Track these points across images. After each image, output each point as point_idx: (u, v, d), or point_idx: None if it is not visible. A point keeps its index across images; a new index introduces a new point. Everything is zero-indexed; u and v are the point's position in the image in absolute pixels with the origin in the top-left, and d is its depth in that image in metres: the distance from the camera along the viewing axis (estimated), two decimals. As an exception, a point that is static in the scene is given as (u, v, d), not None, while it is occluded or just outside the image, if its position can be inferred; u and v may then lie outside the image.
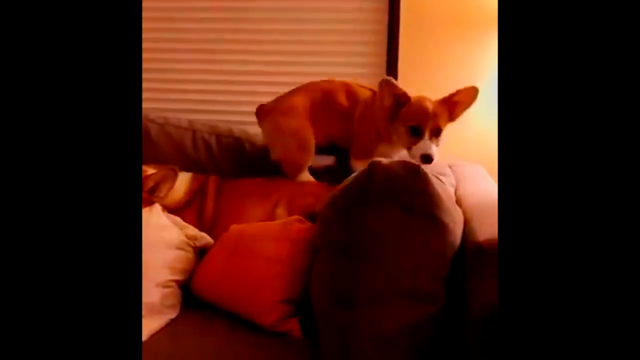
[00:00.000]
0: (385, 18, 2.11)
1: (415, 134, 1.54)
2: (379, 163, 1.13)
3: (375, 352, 1.12)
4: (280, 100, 1.78)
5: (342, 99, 1.71)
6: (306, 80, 2.17)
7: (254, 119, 2.19)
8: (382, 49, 2.13)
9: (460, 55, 2.06)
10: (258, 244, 1.47)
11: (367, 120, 1.67)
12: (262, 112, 1.80)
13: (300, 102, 1.72)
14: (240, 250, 1.48)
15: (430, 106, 1.55)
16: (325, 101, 1.72)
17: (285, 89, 2.18)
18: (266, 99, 2.20)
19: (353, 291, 1.13)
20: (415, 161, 1.38)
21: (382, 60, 2.13)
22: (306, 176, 1.73)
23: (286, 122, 1.72)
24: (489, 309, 1.00)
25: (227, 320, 1.41)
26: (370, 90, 1.72)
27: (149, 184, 1.57)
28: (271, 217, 1.63)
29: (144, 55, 2.22)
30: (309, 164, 1.72)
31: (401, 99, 1.56)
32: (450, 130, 1.99)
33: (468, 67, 2.04)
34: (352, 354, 1.13)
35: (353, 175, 1.19)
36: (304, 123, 1.70)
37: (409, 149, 1.57)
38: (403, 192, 1.11)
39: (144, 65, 2.22)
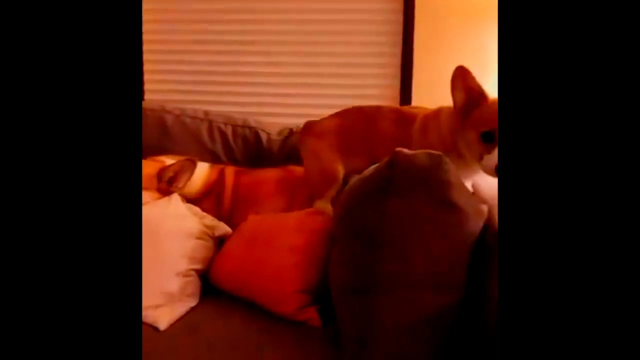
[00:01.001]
0: (400, 8, 2.10)
1: (489, 140, 1.26)
2: (402, 152, 1.12)
3: (395, 340, 1.12)
4: (318, 122, 1.65)
5: (387, 124, 1.51)
6: (321, 71, 2.19)
7: (268, 109, 2.22)
8: (398, 38, 2.12)
9: (476, 46, 2.04)
10: (276, 234, 1.48)
11: (428, 137, 1.44)
12: (303, 130, 1.68)
13: (333, 127, 1.59)
14: (258, 240, 1.49)
15: None
16: (366, 127, 1.54)
17: (301, 80, 2.21)
18: (281, 90, 2.23)
19: (373, 279, 1.13)
20: (489, 174, 1.26)
21: (398, 50, 2.13)
22: (323, 204, 1.57)
23: (314, 146, 1.60)
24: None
25: (246, 309, 1.42)
26: (429, 109, 1.53)
27: (168, 174, 1.58)
28: (288, 208, 1.64)
29: (160, 47, 2.25)
30: (331, 193, 1.57)
31: (475, 97, 1.29)
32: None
33: (484, 58, 2.03)
34: (372, 343, 1.14)
35: (375, 165, 1.19)
36: (332, 150, 1.56)
37: (480, 159, 1.28)
38: (425, 181, 1.11)
39: (161, 57, 2.25)
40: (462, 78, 1.28)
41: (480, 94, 1.29)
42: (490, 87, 1.96)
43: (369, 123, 1.53)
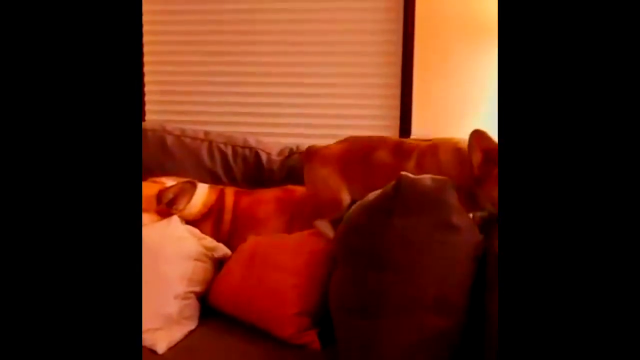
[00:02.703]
0: (400, 28, 2.11)
1: None
2: (407, 175, 1.13)
3: (397, 363, 1.12)
4: (322, 149, 1.64)
5: (385, 155, 1.51)
6: (322, 91, 2.19)
7: (268, 129, 2.22)
8: (397, 58, 2.13)
9: (475, 61, 2.05)
10: (275, 256, 1.48)
11: (425, 171, 1.35)
12: (306, 157, 1.67)
13: (337, 154, 1.59)
14: (258, 262, 1.48)
15: None
16: (365, 157, 1.55)
17: (302, 100, 2.21)
18: (280, 110, 2.23)
19: (376, 301, 1.13)
20: None
21: (397, 70, 2.13)
22: (323, 226, 1.55)
23: (320, 173, 1.59)
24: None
25: (245, 332, 1.41)
26: (428, 140, 1.53)
27: (168, 196, 1.58)
28: (288, 228, 1.64)
29: (161, 68, 2.25)
30: (335, 216, 1.53)
31: (493, 156, 1.29)
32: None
33: (483, 74, 2.03)
34: (374, 365, 1.13)
35: (380, 190, 1.19)
36: (337, 177, 1.56)
37: None
38: (429, 203, 1.11)
39: (161, 78, 2.26)
40: (479, 140, 1.30)
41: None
42: (491, 109, 1.98)
43: (369, 152, 1.53)
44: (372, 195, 1.19)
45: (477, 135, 1.30)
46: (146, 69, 2.24)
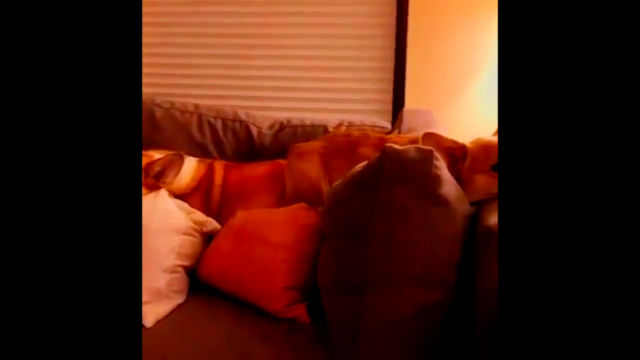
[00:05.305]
0: (393, 10, 2.09)
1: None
2: (392, 146, 1.11)
3: (385, 337, 1.11)
4: (301, 145, 1.67)
5: (369, 151, 1.52)
6: (313, 64, 2.17)
7: (259, 103, 2.20)
8: (391, 31, 2.10)
9: (468, 35, 2.03)
10: (264, 230, 1.47)
11: None
12: (289, 153, 1.68)
13: (318, 148, 1.61)
14: (247, 236, 1.47)
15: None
16: (348, 152, 1.56)
17: (290, 74, 2.19)
18: (271, 83, 2.21)
19: (361, 275, 1.12)
20: None
21: (391, 42, 2.11)
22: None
23: (300, 165, 1.61)
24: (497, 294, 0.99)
25: (234, 305, 1.41)
26: (412, 137, 1.52)
27: (155, 169, 1.56)
28: (278, 203, 1.63)
29: (150, 41, 2.22)
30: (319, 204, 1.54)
31: (456, 153, 1.30)
32: (456, 119, 1.98)
33: (476, 48, 2.02)
34: (361, 339, 1.13)
35: (365, 162, 1.17)
36: (315, 166, 1.58)
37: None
38: (414, 174, 1.09)
39: (150, 51, 2.23)
40: (434, 142, 1.27)
41: (459, 147, 1.30)
42: (482, 84, 1.97)
43: (353, 148, 1.55)
44: (357, 167, 1.18)
45: (431, 137, 1.29)
46: (135, 41, 2.21)
